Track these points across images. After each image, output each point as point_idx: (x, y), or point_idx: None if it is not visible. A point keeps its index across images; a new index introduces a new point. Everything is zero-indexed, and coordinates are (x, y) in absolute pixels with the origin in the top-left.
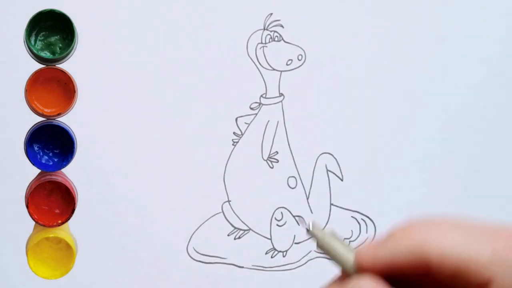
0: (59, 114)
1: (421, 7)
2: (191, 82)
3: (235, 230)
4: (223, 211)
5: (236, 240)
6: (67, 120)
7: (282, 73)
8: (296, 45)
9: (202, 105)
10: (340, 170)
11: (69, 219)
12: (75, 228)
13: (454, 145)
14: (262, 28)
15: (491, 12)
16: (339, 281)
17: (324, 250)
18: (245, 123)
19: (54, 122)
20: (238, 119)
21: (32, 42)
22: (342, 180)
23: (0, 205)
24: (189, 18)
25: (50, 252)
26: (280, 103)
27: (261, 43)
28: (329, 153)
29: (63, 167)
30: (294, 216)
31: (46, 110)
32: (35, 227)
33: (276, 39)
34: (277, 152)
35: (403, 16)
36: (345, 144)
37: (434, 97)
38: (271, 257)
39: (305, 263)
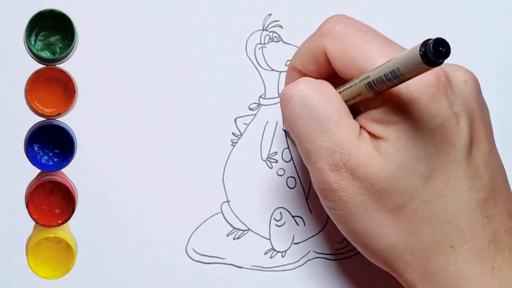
0: (59, 114)
1: (421, 7)
2: (190, 82)
3: (234, 230)
4: (222, 211)
5: (235, 240)
6: (67, 120)
7: (281, 73)
8: (295, 46)
9: (201, 105)
10: None
11: (69, 219)
12: (75, 228)
13: None
14: (261, 28)
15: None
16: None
17: None
18: (244, 123)
19: (54, 122)
20: (237, 119)
21: (32, 42)
22: None
23: (0, 205)
24: (188, 19)
25: (50, 252)
26: (279, 104)
27: (260, 43)
28: None
29: (63, 167)
30: (293, 217)
31: (46, 110)
32: (35, 227)
33: (275, 39)
34: (276, 153)
35: (402, 17)
36: None
37: None
38: (270, 257)
39: (304, 263)
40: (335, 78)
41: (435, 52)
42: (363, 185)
